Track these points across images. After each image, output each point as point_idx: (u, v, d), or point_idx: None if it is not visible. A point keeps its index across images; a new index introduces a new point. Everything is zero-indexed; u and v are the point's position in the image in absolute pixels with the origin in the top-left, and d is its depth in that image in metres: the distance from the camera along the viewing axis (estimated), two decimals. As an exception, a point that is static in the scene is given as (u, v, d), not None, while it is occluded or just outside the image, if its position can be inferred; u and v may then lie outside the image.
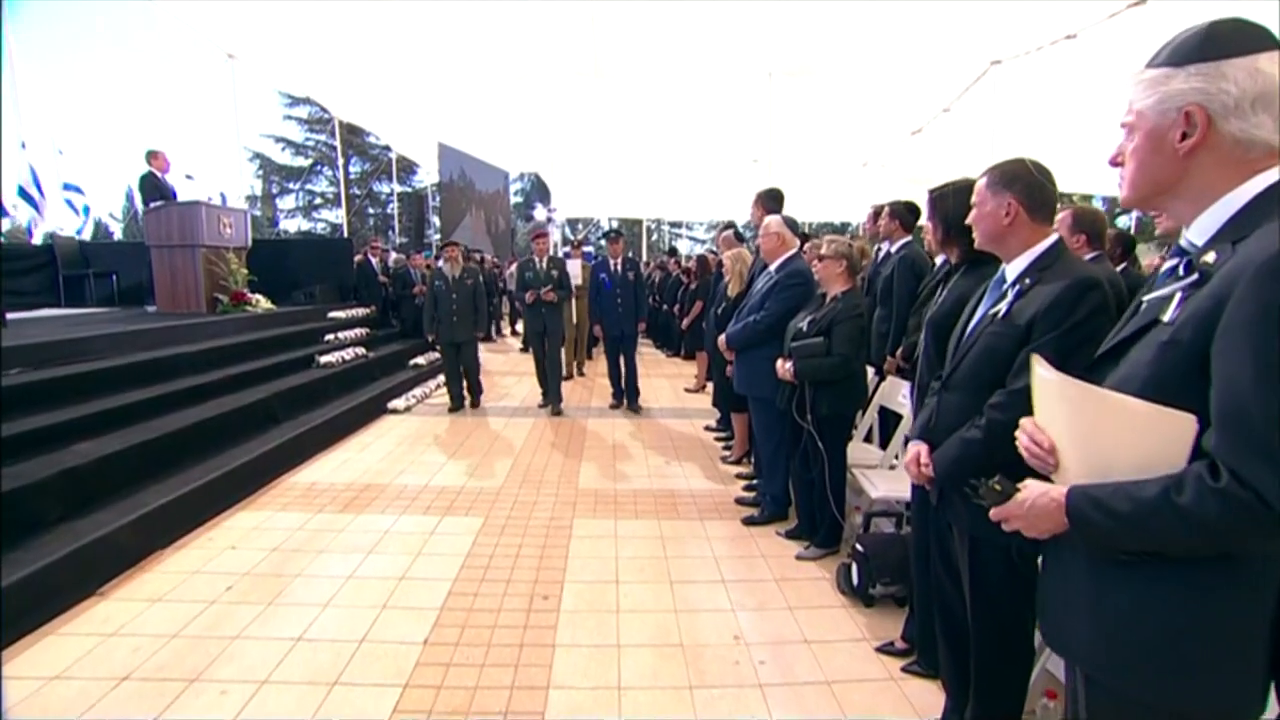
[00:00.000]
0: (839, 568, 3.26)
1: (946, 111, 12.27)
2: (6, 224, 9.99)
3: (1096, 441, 1.09)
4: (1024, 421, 1.28)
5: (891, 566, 3.01)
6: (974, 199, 1.86)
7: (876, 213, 4.91)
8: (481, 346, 11.08)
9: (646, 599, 3.11)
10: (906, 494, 3.38)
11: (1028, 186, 1.77)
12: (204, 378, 5.06)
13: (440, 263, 7.01)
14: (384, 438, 5.81)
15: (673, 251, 14.62)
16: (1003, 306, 1.77)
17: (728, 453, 5.44)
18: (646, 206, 22.63)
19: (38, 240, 9.68)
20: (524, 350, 10.59)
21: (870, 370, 3.98)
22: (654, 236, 34.10)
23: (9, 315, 6.44)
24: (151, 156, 7.61)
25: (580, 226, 28.94)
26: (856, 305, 3.31)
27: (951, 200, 2.20)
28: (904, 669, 2.60)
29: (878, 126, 13.51)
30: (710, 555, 3.59)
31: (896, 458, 3.87)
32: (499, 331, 13.74)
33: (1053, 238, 1.78)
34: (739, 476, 4.87)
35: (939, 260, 3.98)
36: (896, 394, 3.92)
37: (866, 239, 4.75)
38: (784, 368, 3.40)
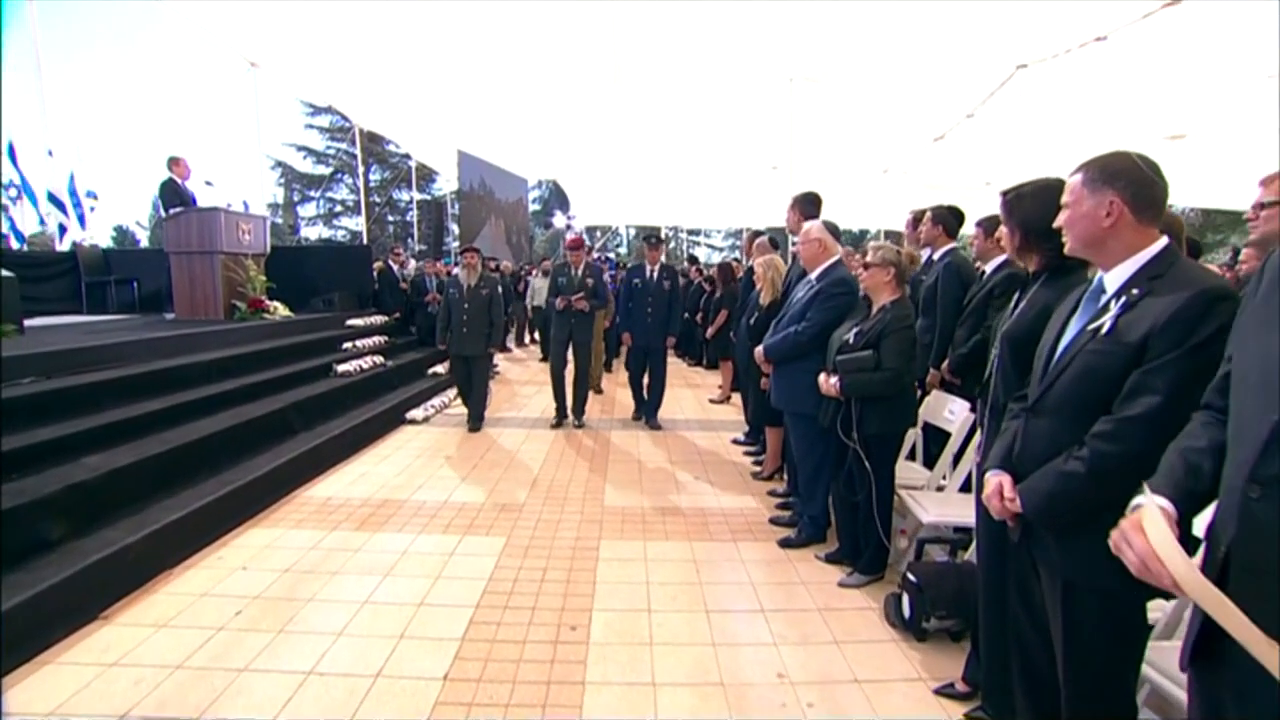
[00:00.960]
0: (887, 598, 3.03)
1: (970, 117, 12.02)
2: (31, 230, 10.02)
3: None
4: (1126, 528, 1.17)
5: (947, 598, 2.77)
6: (1066, 198, 1.65)
7: (916, 218, 4.68)
8: (500, 357, 10.99)
9: (681, 630, 2.90)
10: (960, 519, 3.17)
11: (1133, 183, 1.55)
12: (219, 387, 4.92)
13: (457, 269, 6.65)
14: (402, 449, 5.64)
15: (693, 259, 14.42)
16: (1105, 321, 1.54)
17: (758, 468, 5.22)
18: (664, 214, 22.54)
19: (64, 246, 9.71)
20: (544, 359, 10.42)
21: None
22: (671, 244, 33.95)
23: (28, 322, 6.39)
24: (173, 163, 7.55)
25: (599, 234, 28.83)
26: (906, 316, 3.09)
27: (1030, 201, 1.99)
28: (968, 715, 2.36)
29: (899, 132, 13.32)
30: (747, 581, 3.37)
31: (944, 478, 3.64)
32: (520, 341, 13.52)
33: (1162, 241, 1.56)
34: (772, 494, 4.64)
35: (990, 267, 3.78)
36: (942, 409, 3.70)
37: (911, 246, 4.51)
38: (829, 383, 3.18)
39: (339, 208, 32.94)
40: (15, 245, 10.76)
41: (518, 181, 19.09)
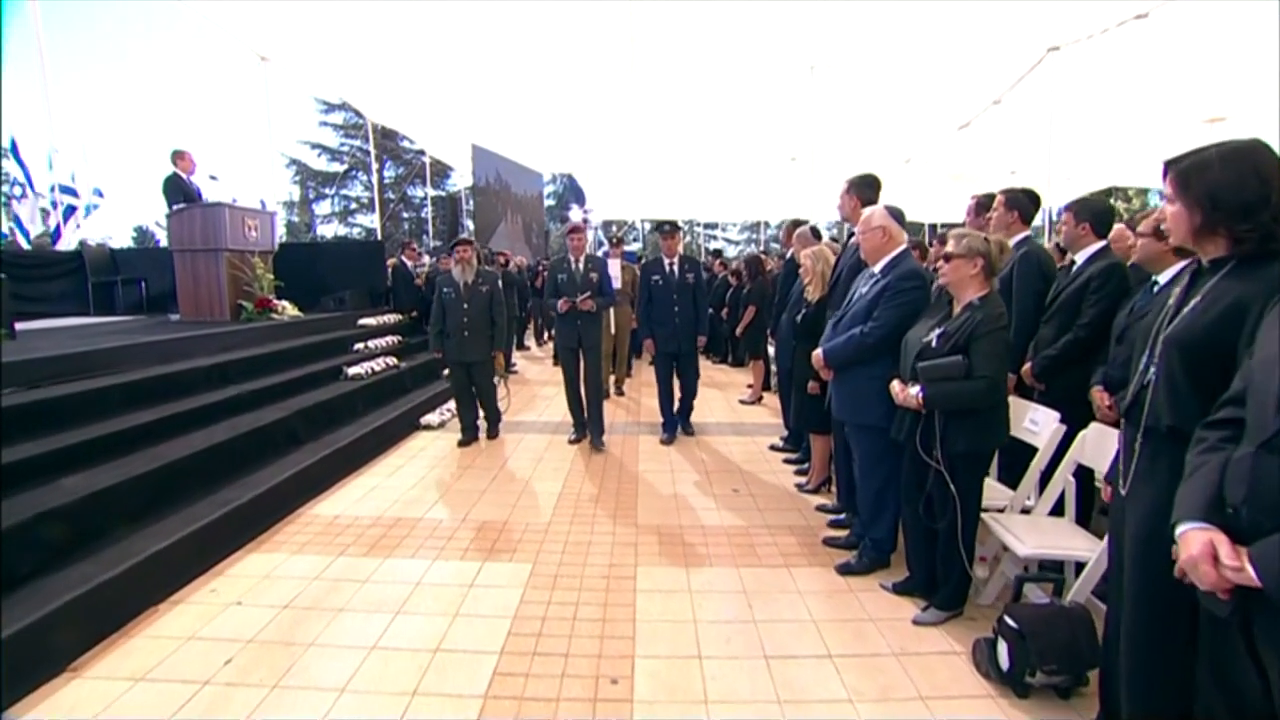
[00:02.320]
0: (979, 644, 2.58)
1: (997, 104, 11.71)
2: (35, 229, 9.81)
3: None
4: None
5: (1058, 650, 2.33)
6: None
7: (981, 203, 4.20)
8: (518, 355, 10.60)
9: (740, 683, 2.47)
10: (1062, 551, 2.72)
11: None
12: (219, 394, 4.56)
13: (451, 264, 5.79)
14: (416, 459, 5.27)
15: (717, 253, 13.98)
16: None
17: (801, 478, 4.79)
18: (681, 208, 22.22)
19: (70, 241, 9.48)
20: (556, 364, 10.00)
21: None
22: (687, 238, 33.47)
23: (21, 326, 6.08)
24: (177, 157, 7.25)
25: (614, 229, 28.43)
26: (1000, 315, 2.64)
27: (1220, 170, 1.53)
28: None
29: (922, 121, 13.02)
30: (808, 618, 2.94)
31: (1030, 500, 3.19)
32: (539, 340, 13.07)
33: None
34: (821, 509, 4.22)
35: (1081, 257, 3.32)
36: (1022, 419, 3.24)
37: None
38: (906, 393, 2.74)
39: (354, 205, 32.76)
40: (24, 245, 10.56)
41: (534, 176, 18.69)
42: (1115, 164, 14.46)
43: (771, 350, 7.68)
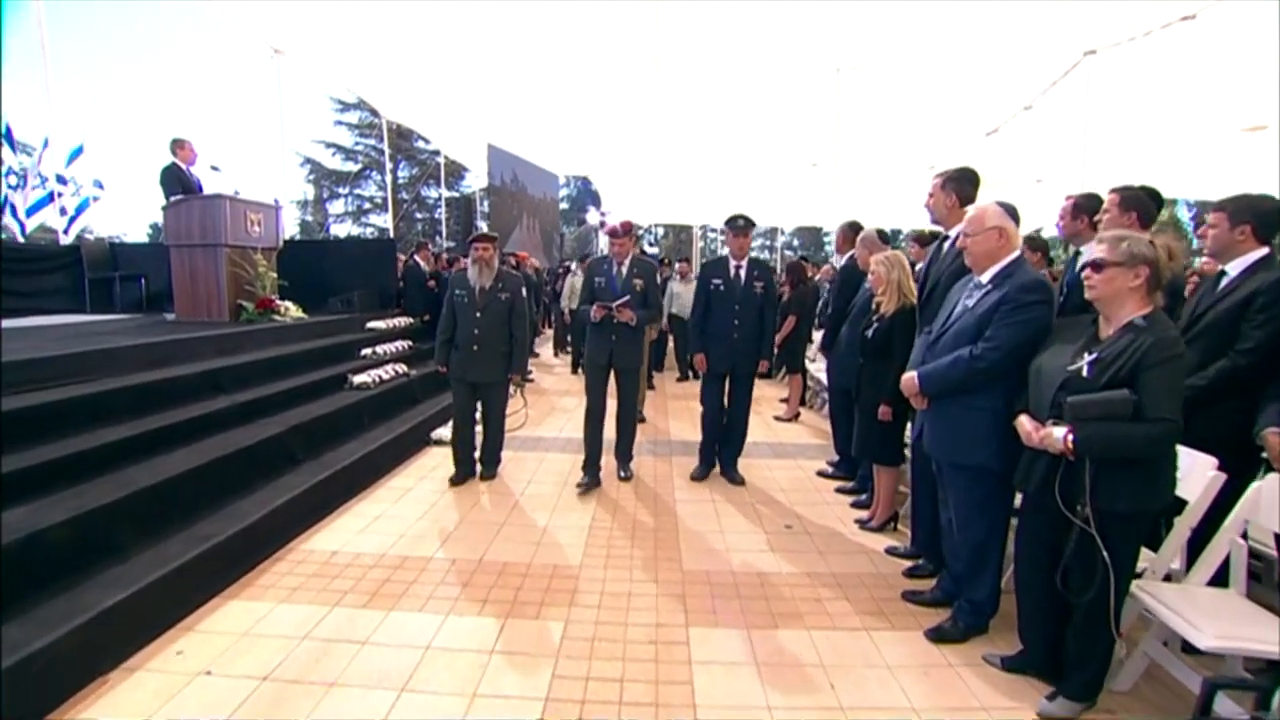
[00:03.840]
0: (1144, 761, 2.02)
1: (1028, 109, 11.26)
2: (34, 223, 9.39)
3: None
4: None
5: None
6: None
7: (1079, 204, 3.54)
8: (530, 362, 10.06)
9: (840, 810, 1.92)
10: (1261, 645, 2.13)
11: None
12: (207, 406, 4.05)
13: (467, 264, 4.80)
14: (426, 480, 4.73)
15: (743, 258, 13.41)
16: None
17: (860, 511, 4.23)
18: (697, 213, 21.77)
19: (69, 238, 9.03)
20: (574, 372, 9.47)
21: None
22: (702, 243, 32.95)
23: (13, 322, 5.61)
24: (177, 146, 6.79)
25: (629, 232, 27.91)
26: (1175, 338, 2.06)
27: None
28: None
29: (949, 126, 12.59)
30: (907, 705, 2.37)
31: (1176, 563, 2.61)
32: (559, 346, 12.45)
33: None
34: (891, 552, 3.65)
35: (1234, 269, 2.75)
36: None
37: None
38: (1048, 434, 2.17)
39: (368, 205, 32.49)
40: (20, 239, 10.15)
41: (550, 178, 18.23)
42: (1147, 173, 13.88)
43: (810, 365, 7.13)
